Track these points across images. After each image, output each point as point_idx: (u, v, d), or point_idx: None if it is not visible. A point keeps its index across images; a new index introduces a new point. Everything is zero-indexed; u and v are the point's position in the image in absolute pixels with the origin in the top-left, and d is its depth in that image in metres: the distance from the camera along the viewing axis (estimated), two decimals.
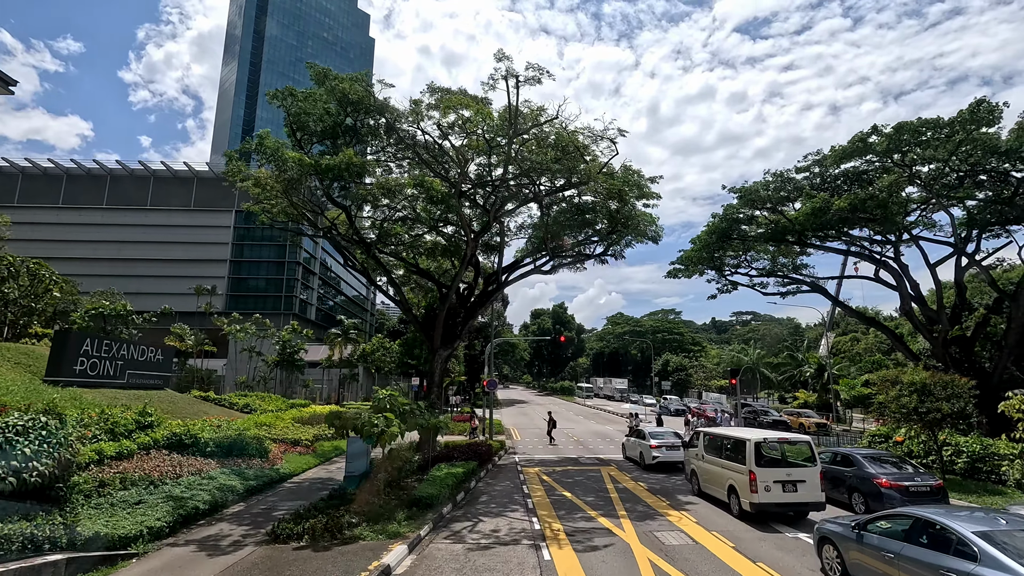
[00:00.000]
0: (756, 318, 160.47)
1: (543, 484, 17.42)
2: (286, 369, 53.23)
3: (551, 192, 19.13)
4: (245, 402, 33.56)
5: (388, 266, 21.16)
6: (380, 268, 19.73)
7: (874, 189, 26.48)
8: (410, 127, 18.61)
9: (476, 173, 19.66)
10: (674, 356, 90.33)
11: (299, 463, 19.63)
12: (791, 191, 31.02)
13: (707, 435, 14.93)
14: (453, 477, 15.74)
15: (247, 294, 68.46)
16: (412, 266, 21.15)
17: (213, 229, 65.97)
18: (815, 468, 12.10)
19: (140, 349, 24.27)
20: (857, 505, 13.02)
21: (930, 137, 25.53)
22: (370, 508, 13.02)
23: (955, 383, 15.26)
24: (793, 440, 12.61)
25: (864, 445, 20.65)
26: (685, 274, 40.81)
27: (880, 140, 25.23)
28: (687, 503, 14.46)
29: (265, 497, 15.36)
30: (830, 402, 47.51)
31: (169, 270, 65.95)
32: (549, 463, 21.95)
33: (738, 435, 13.01)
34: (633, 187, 19.93)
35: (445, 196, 16.42)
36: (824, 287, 36.85)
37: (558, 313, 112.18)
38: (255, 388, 53.14)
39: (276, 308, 67.36)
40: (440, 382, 20.87)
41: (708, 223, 36.45)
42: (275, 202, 18.69)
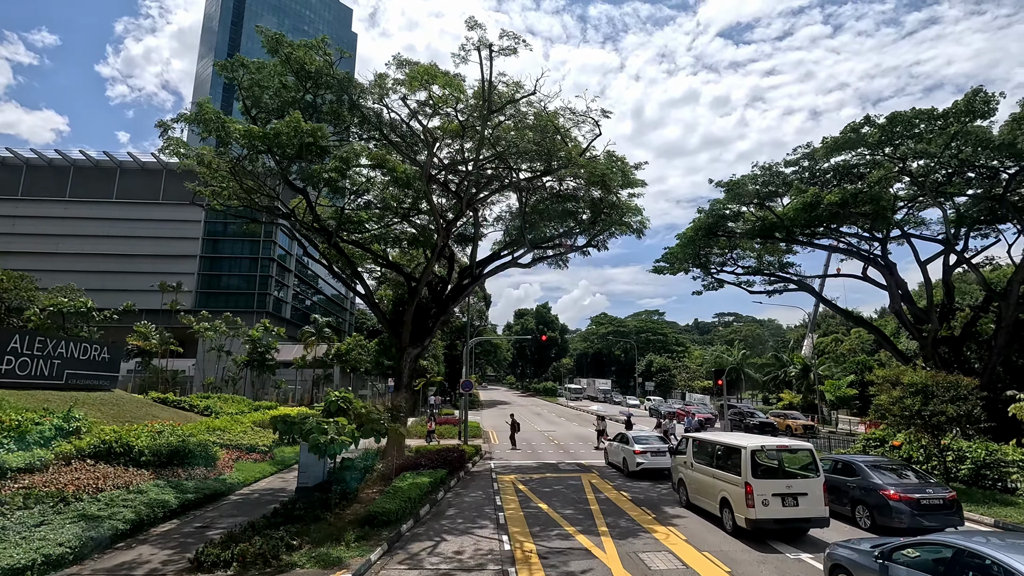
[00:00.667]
0: (738, 319, 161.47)
1: (518, 494, 15.96)
2: (256, 369, 50.98)
3: (530, 178, 17.69)
4: (206, 404, 31.56)
5: (353, 257, 19.52)
6: (343, 259, 18.09)
7: (866, 183, 25.57)
8: (376, 104, 17.03)
9: (448, 157, 18.15)
10: (658, 357, 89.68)
11: (252, 472, 17.89)
12: (779, 186, 30.05)
13: (696, 441, 13.60)
14: (418, 488, 14.19)
15: (219, 291, 65.81)
16: (379, 257, 19.50)
17: (183, 223, 63.20)
18: (818, 479, 10.82)
19: (82, 347, 22.24)
20: (862, 519, 11.79)
21: (923, 129, 24.69)
22: (318, 527, 11.44)
23: (960, 384, 14.17)
24: (793, 448, 11.32)
25: (859, 450, 19.58)
26: (670, 271, 39.83)
27: (873, 131, 24.32)
28: (675, 517, 13.11)
29: (204, 513, 13.64)
30: (815, 403, 46.90)
31: (136, 266, 63.03)
32: (526, 470, 20.50)
33: (732, 442, 11.69)
34: (617, 174, 18.58)
35: (409, 177, 14.94)
36: (811, 285, 36.07)
37: (542, 313, 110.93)
38: (223, 389, 50.81)
39: (249, 306, 64.83)
40: (409, 383, 19.30)
41: (694, 219, 35.43)
42: (225, 185, 16.96)
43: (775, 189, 30.34)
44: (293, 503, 13.47)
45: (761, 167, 29.64)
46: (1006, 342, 28.34)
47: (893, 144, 25.52)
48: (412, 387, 19.29)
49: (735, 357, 56.91)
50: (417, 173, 16.12)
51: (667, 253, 39.89)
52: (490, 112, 15.75)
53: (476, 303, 75.44)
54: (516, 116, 17.21)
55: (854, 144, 25.13)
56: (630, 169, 19.46)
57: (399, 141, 17.28)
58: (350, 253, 19.77)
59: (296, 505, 13.19)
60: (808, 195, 25.75)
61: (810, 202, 25.51)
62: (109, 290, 61.08)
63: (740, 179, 30.09)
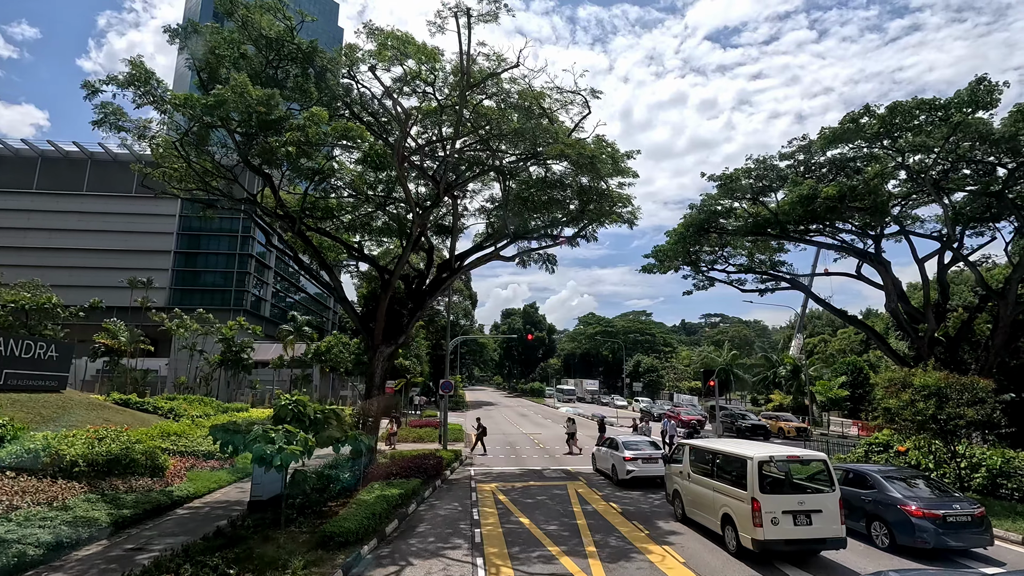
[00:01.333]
0: (725, 320, 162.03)
1: (498, 506, 14.56)
2: (231, 369, 48.96)
3: (513, 162, 16.30)
4: (171, 406, 29.76)
5: (322, 248, 17.98)
6: (310, 249, 16.55)
7: (865, 176, 24.58)
8: (345, 80, 15.54)
9: (425, 139, 16.69)
10: (646, 357, 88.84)
11: (206, 482, 16.27)
12: (774, 179, 29.01)
13: (694, 449, 12.31)
14: (385, 501, 12.74)
15: (194, 288, 63.47)
16: (348, 247, 17.97)
17: (157, 218, 60.80)
18: (833, 494, 9.56)
19: (24, 344, 20.39)
20: (879, 538, 10.57)
21: (923, 121, 23.75)
22: (265, 550, 9.94)
23: (976, 386, 13.06)
24: (805, 459, 10.05)
25: (860, 456, 18.48)
26: (660, 269, 38.71)
27: (872, 122, 23.31)
28: (670, 534, 11.81)
29: (140, 531, 12.04)
30: (805, 404, 46.13)
31: (107, 261, 60.48)
32: (509, 477, 19.11)
33: (735, 451, 10.40)
34: (607, 160, 17.28)
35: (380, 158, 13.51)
36: (804, 284, 35.14)
37: (529, 313, 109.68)
38: (196, 390, 48.74)
39: (226, 304, 62.63)
40: (381, 384, 17.82)
41: (685, 215, 34.33)
42: (176, 165, 15.33)
43: (769, 183, 29.31)
44: (242, 520, 11.97)
45: (755, 160, 28.59)
46: (1003, 342, 27.56)
47: (892, 136, 24.56)
48: (385, 388, 17.78)
49: (724, 358, 56.07)
50: (388, 151, 14.65)
51: (657, 251, 38.76)
52: (469, 87, 14.33)
53: (462, 302, 73.92)
54: (499, 95, 15.83)
55: (852, 135, 24.12)
56: (621, 156, 18.18)
57: (371, 120, 15.80)
58: (318, 243, 18.24)
59: (243, 523, 11.68)
60: (805, 187, 24.71)
61: (807, 195, 24.46)
62: (78, 286, 58.56)
63: (734, 173, 29.01)
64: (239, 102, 11.35)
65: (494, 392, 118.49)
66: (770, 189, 29.82)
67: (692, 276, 38.51)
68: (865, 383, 44.10)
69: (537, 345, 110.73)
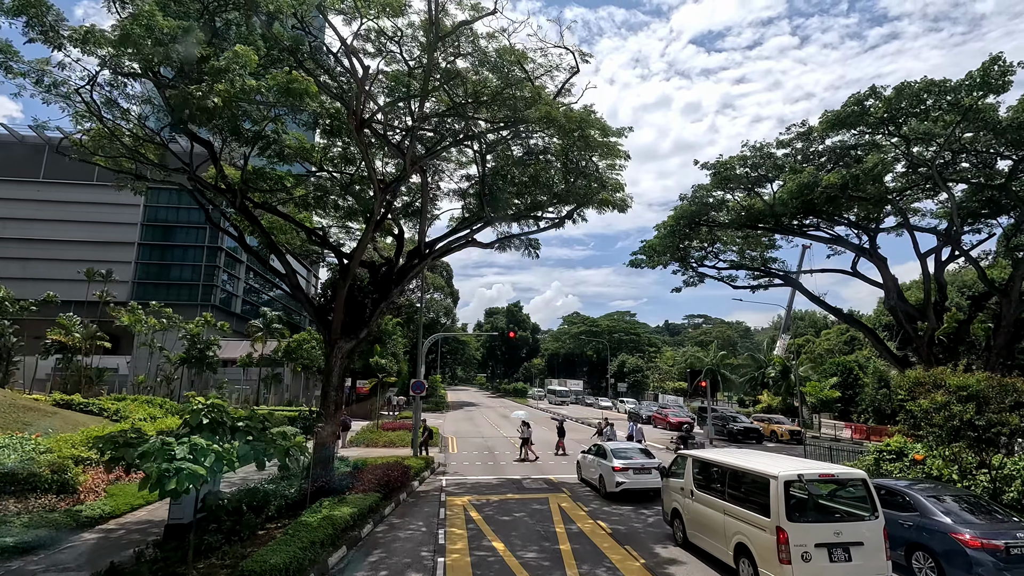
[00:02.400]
0: (707, 321, 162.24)
1: (469, 526, 12.54)
2: (195, 367, 46.12)
3: (491, 131, 14.28)
4: (117, 407, 27.23)
5: (273, 229, 15.77)
6: (256, 228, 14.34)
7: (868, 163, 23.09)
8: (296, 30, 13.37)
9: (389, 105, 14.58)
10: (630, 357, 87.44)
11: (130, 498, 13.96)
12: (770, 169, 27.44)
13: (699, 463, 10.43)
14: (331, 525, 10.65)
15: (159, 282, 60.08)
16: (302, 227, 15.75)
17: (120, 207, 57.28)
18: (876, 522, 7.76)
19: None
20: (922, 572, 8.78)
21: (930, 106, 22.31)
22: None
23: (1018, 388, 11.40)
24: (842, 478, 8.19)
25: (870, 464, 16.84)
26: (649, 264, 37.08)
27: (878, 105, 21.77)
28: (670, 563, 9.91)
29: (26, 564, 9.78)
30: (795, 406, 44.90)
31: (65, 252, 56.85)
32: (484, 488, 17.09)
33: (754, 467, 8.54)
34: (596, 131, 15.38)
35: (331, 115, 11.48)
36: (799, 281, 33.75)
37: (513, 312, 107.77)
38: (156, 390, 45.83)
39: (193, 299, 59.47)
40: (340, 384, 15.67)
41: (676, 207, 32.68)
42: (96, 125, 13.02)
43: (765, 173, 27.75)
44: (153, 549, 9.79)
45: (751, 147, 26.96)
46: (1006, 342, 26.38)
47: (896, 123, 23.09)
48: (343, 388, 15.65)
49: (712, 358, 54.74)
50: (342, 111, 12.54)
51: (646, 246, 37.14)
52: (439, 38, 12.28)
53: (443, 299, 71.70)
54: (474, 54, 13.80)
55: (855, 120, 22.58)
56: (613, 132, 16.27)
57: (328, 82, 13.65)
58: (269, 225, 16.02)
59: (151, 555, 9.51)
60: (805, 175, 23.12)
61: (807, 183, 22.86)
62: (33, 279, 55.04)
63: (729, 160, 27.36)
64: (144, 37, 9.15)
65: (477, 392, 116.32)
66: (765, 179, 28.28)
67: (682, 272, 36.98)
68: (856, 384, 42.98)
69: (521, 345, 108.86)
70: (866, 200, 23.86)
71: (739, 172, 27.62)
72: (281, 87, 10.89)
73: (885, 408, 39.32)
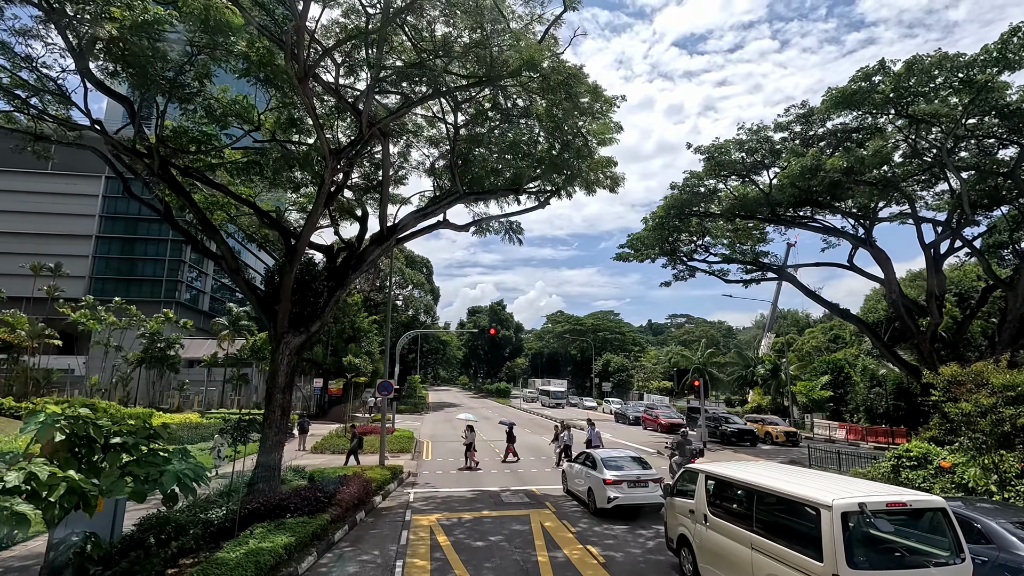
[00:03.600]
0: (690, 320, 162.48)
1: (434, 556, 10.42)
2: (155, 368, 43.17)
3: (464, 87, 12.14)
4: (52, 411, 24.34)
5: (207, 205, 13.44)
6: (183, 199, 12.03)
7: (872, 146, 21.54)
8: None
9: (343, 53, 12.37)
10: (615, 356, 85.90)
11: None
12: (767, 154, 25.80)
13: (715, 481, 8.45)
14: (254, 563, 8.44)
15: (120, 278, 56.62)
16: (242, 200, 13.42)
17: (77, 198, 53.83)
18: (962, 567, 5.84)
19: None
20: None
21: (939, 84, 20.80)
22: None
23: None
24: (916, 506, 6.22)
25: (886, 472, 15.12)
26: (636, 257, 35.35)
27: (886, 81, 20.17)
28: None
29: None
30: (785, 406, 43.59)
31: (16, 246, 53.17)
32: (457, 504, 14.97)
33: (796, 491, 6.57)
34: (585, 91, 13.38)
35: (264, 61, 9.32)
36: (793, 275, 32.24)
37: (496, 310, 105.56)
38: (111, 392, 42.76)
39: (156, 295, 56.18)
40: (287, 385, 13.43)
41: (666, 196, 30.92)
42: None
43: (761, 159, 26.10)
44: None
45: (748, 130, 25.30)
46: (1011, 338, 25.06)
47: (902, 103, 21.55)
48: (292, 389, 13.42)
49: (700, 356, 53.23)
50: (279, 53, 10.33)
51: (633, 238, 35.44)
52: None
53: (423, 297, 69.32)
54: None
55: (861, 99, 20.96)
56: (603, 98, 14.28)
57: (266, 22, 11.38)
58: (204, 201, 13.70)
59: None
60: (808, 157, 21.43)
61: (810, 166, 21.16)
62: None
63: (724, 144, 25.65)
64: None
65: (459, 393, 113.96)
66: (762, 166, 26.64)
67: (671, 266, 35.35)
68: (847, 383, 41.79)
69: (504, 344, 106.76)
70: (871, 185, 22.29)
71: (734, 157, 25.95)
72: (196, 16, 8.63)
73: (877, 407, 38.15)
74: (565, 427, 21.51)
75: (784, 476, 7.46)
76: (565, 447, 20.57)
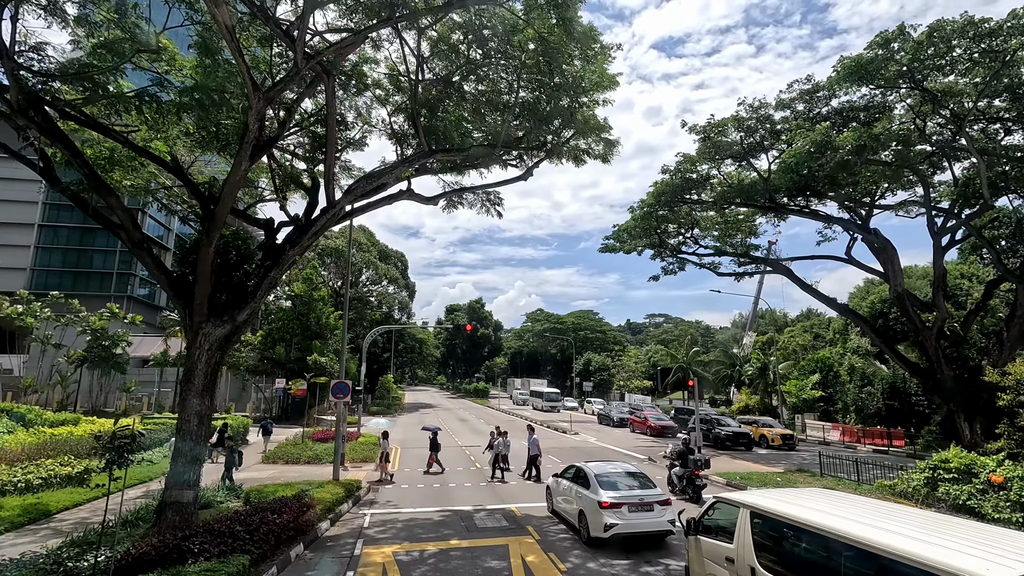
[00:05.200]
0: (668, 320, 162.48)
1: None
2: (100, 367, 39.38)
3: (429, 9, 9.56)
4: None
5: (106, 164, 10.62)
6: (63, 147, 9.20)
7: (883, 125, 19.68)
8: None
9: None
10: (596, 355, 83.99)
11: None
12: (766, 135, 23.82)
13: (764, 518, 6.08)
14: None
15: (65, 270, 52.20)
16: (140, 151, 10.53)
17: (16, 183, 49.36)
18: None
19: None
20: None
21: (959, 55, 19.00)
22: None
23: None
24: None
25: (919, 486, 13.10)
26: (622, 249, 33.26)
27: (905, 48, 18.24)
28: None
29: None
30: (773, 405, 42.02)
31: None
32: (421, 529, 12.39)
33: (927, 554, 4.20)
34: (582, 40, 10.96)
35: None
36: (789, 267, 30.45)
37: (474, 308, 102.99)
38: (49, 394, 38.86)
39: (106, 289, 52.01)
40: (207, 387, 10.72)
41: (656, 182, 28.79)
42: None
43: (760, 140, 24.11)
44: None
45: (748, 106, 23.22)
46: (1021, 333, 23.60)
47: (917, 77, 19.71)
48: (213, 392, 10.71)
49: (684, 355, 51.58)
50: None
51: (619, 230, 33.34)
52: None
53: (397, 292, 66.30)
54: None
55: (876, 69, 19.01)
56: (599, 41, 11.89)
57: None
58: (96, 157, 10.86)
59: None
60: (818, 132, 19.38)
61: (821, 141, 19.10)
62: None
63: (722, 121, 23.55)
64: None
65: (436, 393, 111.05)
66: (760, 148, 24.64)
67: (660, 258, 33.33)
68: (836, 382, 40.36)
69: (483, 343, 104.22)
70: (885, 166, 20.40)
71: (732, 137, 23.89)
72: None
73: (869, 408, 36.76)
74: (501, 433, 19.18)
75: (871, 518, 5.13)
76: (502, 457, 18.49)
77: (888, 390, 35.14)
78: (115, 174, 11.02)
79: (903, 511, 5.91)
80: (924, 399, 32.49)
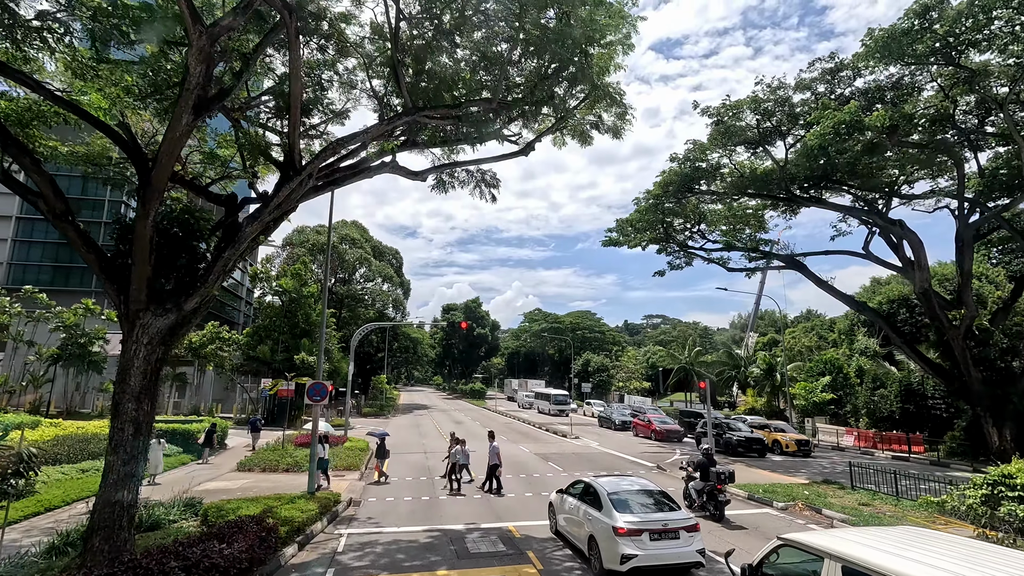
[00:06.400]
0: (666, 321, 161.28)
1: None
2: (75, 366, 37.43)
3: None
4: None
5: (23, 118, 8.83)
6: None
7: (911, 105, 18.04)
8: None
9: None
10: (595, 356, 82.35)
11: None
12: (783, 118, 22.17)
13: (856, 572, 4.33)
14: None
15: (44, 264, 50.21)
16: (58, 100, 8.66)
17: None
18: None
19: None
20: None
21: (999, 29, 17.36)
22: None
23: None
24: None
25: (976, 503, 11.42)
26: (626, 242, 31.57)
27: (944, 17, 16.60)
28: None
29: None
30: (781, 408, 40.43)
31: None
32: (403, 555, 10.61)
33: None
34: None
35: None
36: (803, 262, 28.81)
37: (471, 308, 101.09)
38: (20, 394, 36.92)
39: (87, 285, 50.03)
40: (146, 388, 9.01)
41: (664, 171, 27.13)
42: None
43: (777, 124, 22.45)
44: None
45: (767, 86, 21.54)
46: None
47: (952, 53, 18.08)
48: (155, 395, 8.89)
49: (687, 356, 49.92)
50: None
51: (622, 224, 31.70)
52: None
53: (392, 290, 64.46)
54: None
55: (908, 42, 17.34)
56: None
57: None
58: (10, 110, 9.06)
59: None
60: (846, 111, 17.67)
61: (849, 120, 17.41)
62: None
63: (737, 103, 21.86)
64: None
65: (432, 394, 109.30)
66: (777, 133, 22.99)
67: (666, 252, 31.70)
68: (846, 384, 38.78)
69: (479, 343, 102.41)
70: (920, 148, 18.76)
71: (747, 121, 22.22)
72: None
73: (882, 411, 35.21)
74: (458, 441, 17.47)
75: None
76: (460, 467, 16.95)
77: (903, 392, 33.60)
78: (35, 131, 9.23)
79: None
80: (942, 402, 30.93)
